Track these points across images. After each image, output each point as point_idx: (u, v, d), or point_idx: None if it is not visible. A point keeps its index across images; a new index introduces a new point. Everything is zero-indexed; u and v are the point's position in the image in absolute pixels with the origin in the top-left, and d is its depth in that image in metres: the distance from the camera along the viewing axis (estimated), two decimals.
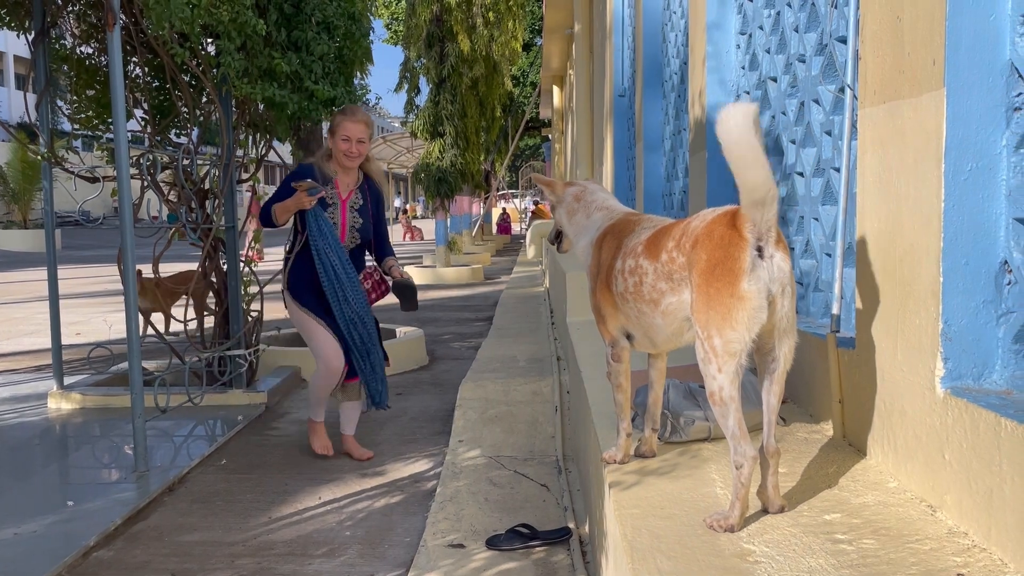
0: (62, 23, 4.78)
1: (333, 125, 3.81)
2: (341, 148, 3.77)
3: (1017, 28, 1.57)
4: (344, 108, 3.92)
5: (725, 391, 1.65)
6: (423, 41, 13.19)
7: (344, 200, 3.88)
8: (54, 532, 3.08)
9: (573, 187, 2.35)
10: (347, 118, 3.76)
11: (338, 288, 3.77)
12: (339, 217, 3.85)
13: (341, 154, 3.78)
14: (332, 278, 3.78)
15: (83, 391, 5.04)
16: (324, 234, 3.77)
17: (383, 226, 4.07)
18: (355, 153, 3.78)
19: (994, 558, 1.44)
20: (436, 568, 2.72)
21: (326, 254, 3.76)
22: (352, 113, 3.80)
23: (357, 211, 3.90)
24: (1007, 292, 1.62)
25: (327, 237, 3.77)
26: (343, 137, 3.76)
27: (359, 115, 3.81)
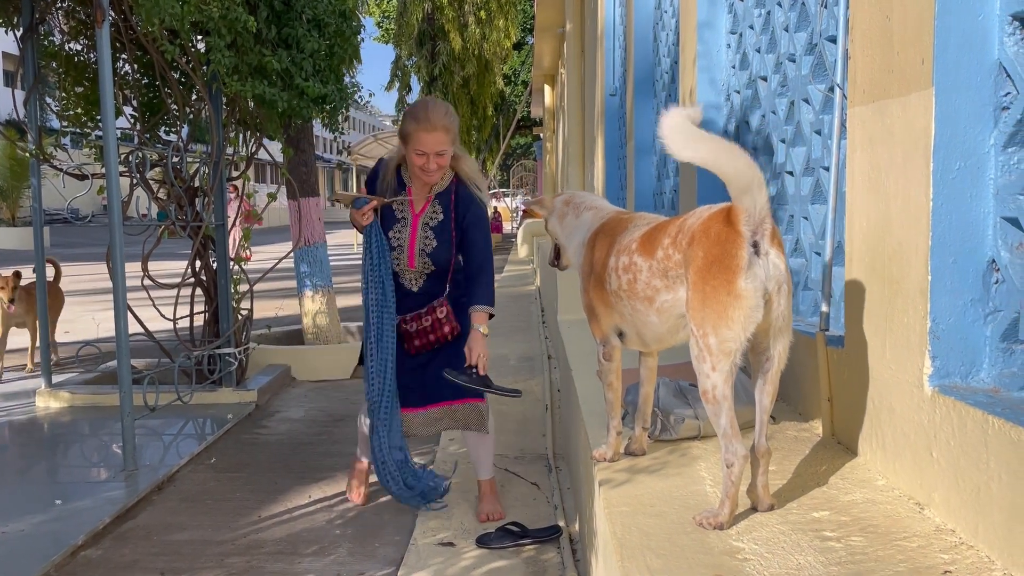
0: (51, 19, 4.75)
1: (404, 132, 2.96)
2: (416, 164, 2.95)
3: (1005, 28, 1.57)
4: (415, 111, 2.96)
5: (719, 390, 1.65)
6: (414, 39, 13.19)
7: (417, 215, 3.06)
8: (42, 531, 3.06)
9: (562, 195, 2.40)
10: (421, 127, 2.89)
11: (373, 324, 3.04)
12: (407, 237, 3.05)
13: (416, 169, 2.97)
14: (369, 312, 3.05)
15: (72, 389, 5.02)
16: (373, 260, 3.04)
17: (479, 252, 3.03)
18: (434, 168, 2.95)
19: (981, 555, 1.45)
20: (426, 566, 2.71)
21: (371, 282, 3.05)
22: (426, 120, 2.89)
23: (433, 229, 3.03)
24: (994, 290, 1.63)
25: (375, 264, 3.04)
26: (417, 151, 2.91)
27: (436, 120, 2.90)
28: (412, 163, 2.96)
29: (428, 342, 3.06)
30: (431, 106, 2.96)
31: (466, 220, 3.02)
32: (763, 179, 1.59)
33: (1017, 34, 1.55)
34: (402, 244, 3.04)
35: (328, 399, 5.35)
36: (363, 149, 21.43)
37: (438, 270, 3.06)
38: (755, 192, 1.59)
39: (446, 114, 2.94)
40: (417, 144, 2.90)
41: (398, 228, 3.05)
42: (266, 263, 6.10)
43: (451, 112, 2.98)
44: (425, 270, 3.06)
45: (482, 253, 3.03)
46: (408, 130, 2.93)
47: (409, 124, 2.93)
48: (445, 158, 2.95)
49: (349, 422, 4.74)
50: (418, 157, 2.92)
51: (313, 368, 6.01)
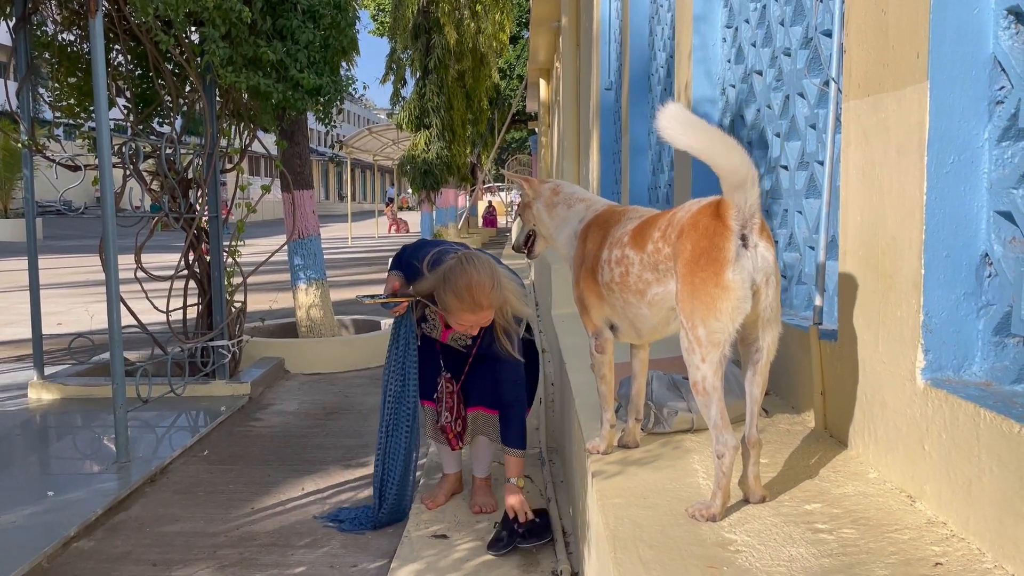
0: (44, 9, 4.72)
1: (444, 303, 2.66)
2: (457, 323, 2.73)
3: (1000, 22, 1.58)
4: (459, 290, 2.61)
5: (708, 381, 1.65)
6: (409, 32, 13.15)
7: (445, 331, 2.99)
8: (34, 523, 3.05)
9: (549, 183, 2.38)
10: (465, 309, 2.62)
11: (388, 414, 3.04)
12: (439, 334, 3.01)
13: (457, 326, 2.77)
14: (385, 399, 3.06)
15: (64, 381, 5.01)
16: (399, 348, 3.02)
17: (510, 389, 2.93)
18: (475, 332, 2.86)
19: (972, 548, 1.45)
20: (419, 559, 2.72)
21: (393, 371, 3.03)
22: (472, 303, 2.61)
23: (462, 344, 3.01)
24: (987, 284, 1.63)
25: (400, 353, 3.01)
26: (458, 323, 2.72)
27: (483, 300, 2.62)
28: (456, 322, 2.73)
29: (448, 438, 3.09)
30: (475, 285, 2.60)
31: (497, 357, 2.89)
32: (757, 176, 1.59)
33: (1012, 28, 1.56)
34: (435, 337, 3.03)
35: (322, 392, 5.35)
36: (357, 142, 21.41)
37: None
38: (748, 189, 1.59)
39: (493, 289, 2.63)
40: (459, 320, 2.68)
41: (428, 327, 3.01)
42: (260, 256, 6.09)
43: (496, 284, 2.66)
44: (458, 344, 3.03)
45: (512, 391, 2.93)
46: (450, 306, 2.64)
47: (452, 300, 2.63)
48: (488, 319, 2.73)
49: (343, 415, 4.74)
50: (457, 325, 2.74)
51: (307, 361, 6.01)
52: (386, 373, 3.05)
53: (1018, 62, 1.52)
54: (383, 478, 3.08)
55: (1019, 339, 1.57)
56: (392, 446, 3.05)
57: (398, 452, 3.04)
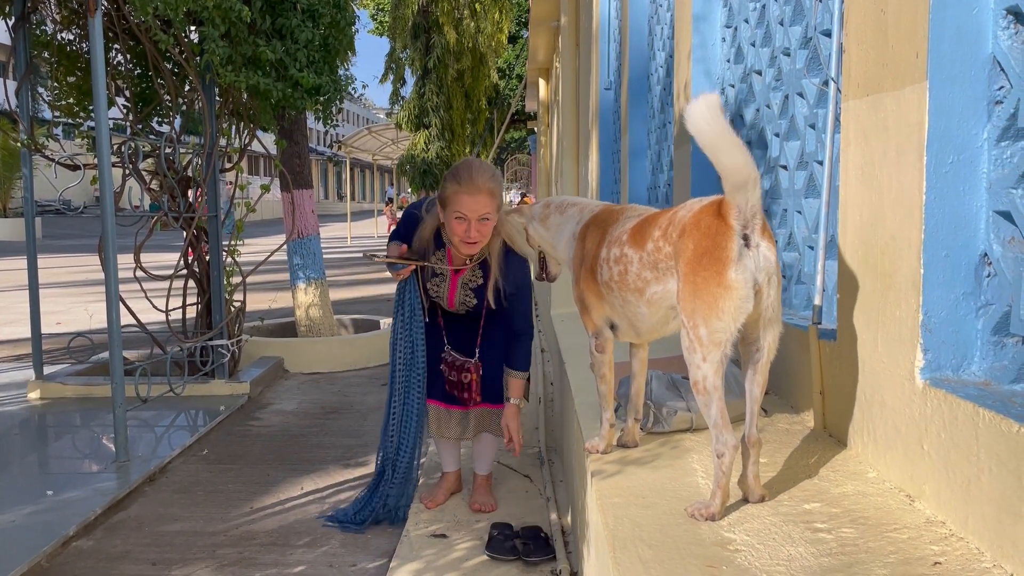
0: (43, 8, 4.72)
1: (444, 195, 2.72)
2: (456, 231, 2.72)
3: (999, 22, 1.58)
4: (456, 172, 2.71)
5: (709, 380, 1.65)
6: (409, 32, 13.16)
7: (456, 275, 2.93)
8: (33, 522, 3.05)
9: (537, 204, 2.45)
10: (463, 188, 2.65)
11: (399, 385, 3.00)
12: (446, 292, 2.94)
13: (456, 239, 2.76)
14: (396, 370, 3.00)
15: (63, 381, 5.01)
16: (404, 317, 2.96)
17: (521, 319, 2.96)
18: (474, 238, 2.73)
19: (971, 547, 1.46)
20: (418, 558, 2.72)
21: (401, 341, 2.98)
22: (469, 180, 2.65)
23: (472, 290, 2.92)
24: (986, 284, 1.63)
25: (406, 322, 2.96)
26: (456, 215, 2.69)
27: (480, 181, 2.66)
28: (452, 231, 2.74)
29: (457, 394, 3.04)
30: (475, 166, 2.71)
31: (508, 291, 2.88)
32: (759, 177, 1.59)
33: (1011, 28, 1.56)
34: (442, 296, 2.95)
35: (321, 391, 5.35)
36: (356, 142, 21.40)
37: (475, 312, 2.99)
38: (749, 190, 1.59)
39: (492, 176, 2.69)
40: (458, 206, 2.66)
41: (436, 282, 2.94)
42: (259, 255, 6.09)
43: (497, 175, 2.74)
44: (466, 307, 2.97)
45: (524, 321, 2.97)
46: (448, 192, 2.69)
47: (450, 186, 2.69)
48: (488, 226, 2.72)
49: (342, 414, 4.74)
50: (458, 223, 2.70)
51: (306, 360, 6.01)
52: (393, 341, 2.99)
53: (1017, 62, 1.52)
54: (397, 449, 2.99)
55: (1018, 339, 1.57)
56: (406, 415, 2.97)
57: (410, 420, 2.97)
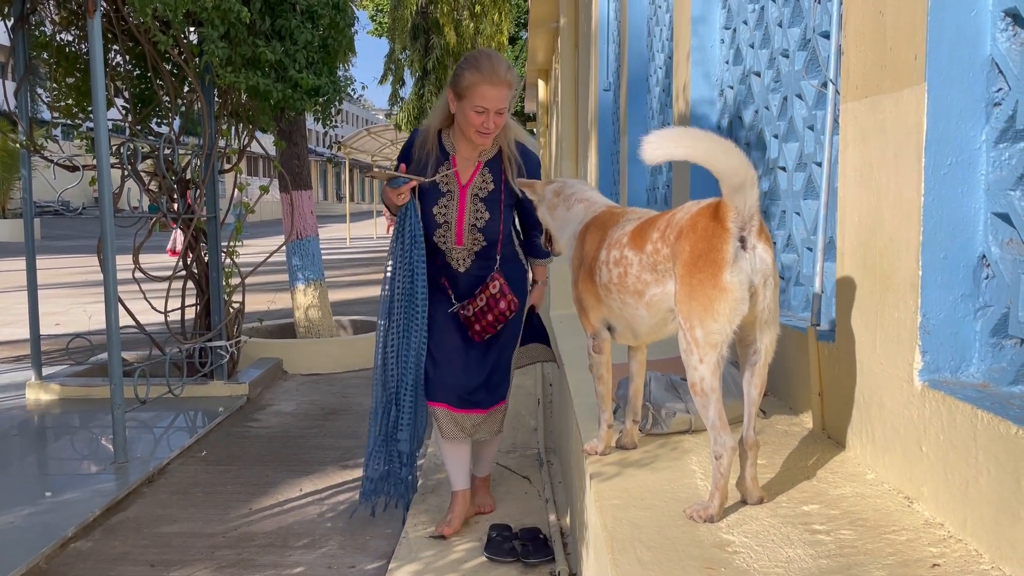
0: (42, 9, 4.72)
1: (461, 85, 2.60)
2: (474, 122, 2.61)
3: (998, 24, 1.58)
4: (477, 62, 2.61)
5: (706, 382, 1.65)
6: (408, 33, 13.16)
7: (464, 187, 2.75)
8: (32, 523, 3.05)
9: (553, 184, 2.37)
10: (485, 79, 2.56)
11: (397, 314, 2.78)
12: (454, 212, 2.74)
13: (472, 130, 2.63)
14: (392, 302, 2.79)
15: (62, 382, 5.01)
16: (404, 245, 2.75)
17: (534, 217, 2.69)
18: (491, 129, 2.63)
19: (969, 549, 1.46)
20: (417, 559, 2.71)
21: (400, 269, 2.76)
22: (492, 71, 2.57)
23: (484, 201, 2.74)
24: (985, 286, 1.63)
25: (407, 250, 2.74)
26: (477, 108, 2.58)
27: (502, 72, 2.59)
28: (468, 122, 2.62)
29: (488, 322, 2.77)
30: (495, 58, 2.62)
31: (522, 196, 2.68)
32: (756, 178, 1.59)
33: (1009, 30, 1.56)
34: (449, 220, 2.73)
35: (320, 392, 5.35)
36: (355, 143, 21.39)
37: (488, 245, 2.76)
38: (747, 191, 1.59)
39: (509, 69, 2.62)
40: (479, 99, 2.57)
41: (444, 203, 2.72)
42: (258, 256, 6.09)
43: (513, 68, 2.67)
44: (475, 247, 2.76)
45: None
46: (468, 83, 2.57)
47: (469, 75, 2.57)
48: (503, 118, 2.64)
49: (341, 415, 4.74)
50: (477, 115, 2.59)
51: (305, 361, 6.01)
52: (392, 272, 2.78)
53: (1015, 64, 1.52)
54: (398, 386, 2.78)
55: (1016, 340, 1.57)
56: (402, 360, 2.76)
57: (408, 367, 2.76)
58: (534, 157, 2.81)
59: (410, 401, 2.79)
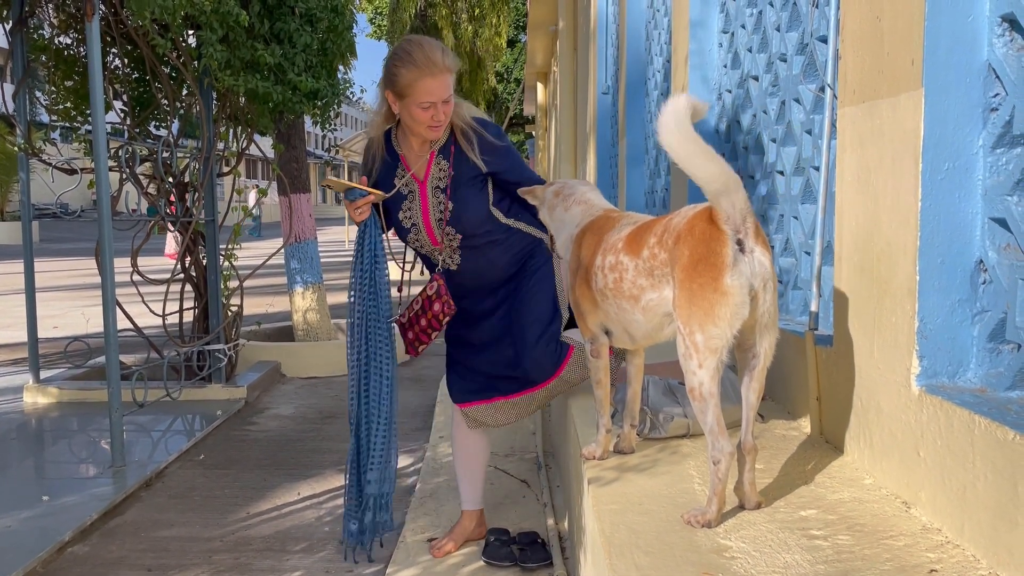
0: (41, 12, 4.72)
1: (400, 84, 2.38)
2: (422, 119, 2.40)
3: (995, 29, 1.58)
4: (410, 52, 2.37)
5: (705, 387, 1.65)
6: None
7: (423, 182, 2.55)
8: (29, 527, 3.05)
9: (553, 185, 2.35)
10: (424, 71, 2.34)
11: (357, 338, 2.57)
12: (419, 212, 2.56)
13: (423, 127, 2.43)
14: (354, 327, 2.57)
15: (59, 385, 5.00)
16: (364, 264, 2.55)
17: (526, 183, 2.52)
18: (442, 120, 2.42)
19: (967, 554, 1.46)
20: (415, 564, 2.71)
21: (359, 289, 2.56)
22: (428, 62, 2.34)
23: (444, 193, 2.52)
24: (982, 291, 1.63)
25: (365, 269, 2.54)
26: (422, 104, 2.37)
27: (438, 60, 2.36)
28: (416, 120, 2.41)
29: (421, 328, 2.62)
30: (427, 45, 2.38)
31: (489, 167, 2.50)
32: (739, 180, 1.59)
33: (1006, 35, 1.56)
34: (416, 223, 2.55)
35: (318, 396, 5.35)
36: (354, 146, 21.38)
37: (468, 237, 2.54)
38: (732, 193, 1.59)
39: (445, 52, 2.40)
40: (423, 95, 2.35)
41: (407, 205, 2.55)
42: (256, 259, 6.09)
43: (448, 49, 2.44)
44: (453, 243, 2.55)
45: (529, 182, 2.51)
46: (406, 80, 2.35)
47: (406, 72, 2.35)
48: (451, 104, 2.43)
49: (339, 419, 4.73)
50: (423, 111, 2.38)
51: (303, 365, 6.00)
52: (352, 293, 2.58)
53: (1012, 69, 1.53)
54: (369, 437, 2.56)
55: (1014, 345, 1.57)
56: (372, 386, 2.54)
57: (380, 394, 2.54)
58: (492, 125, 2.58)
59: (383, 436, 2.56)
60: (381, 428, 2.56)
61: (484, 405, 2.69)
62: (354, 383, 2.58)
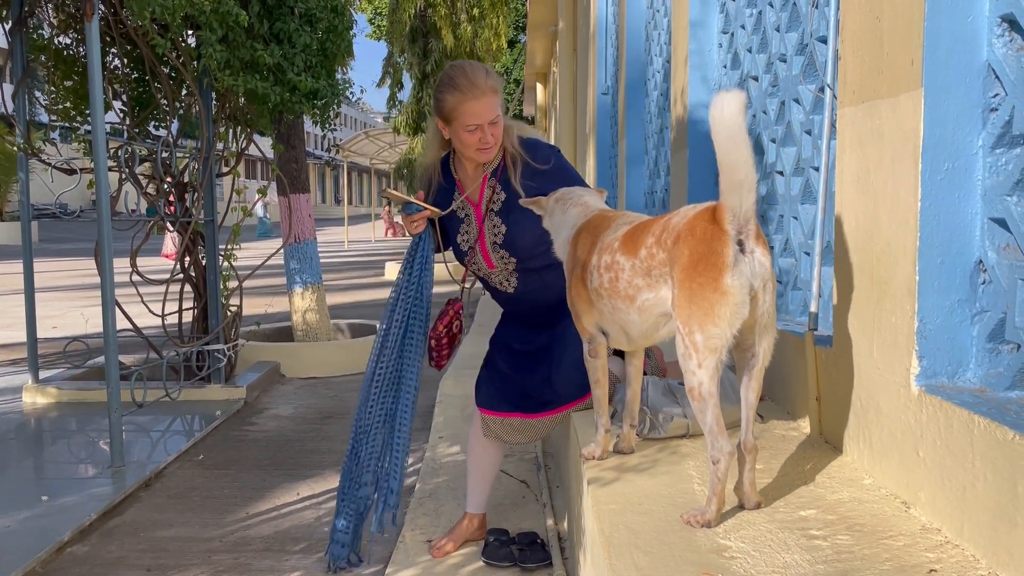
0: (40, 12, 4.72)
1: (445, 110, 2.42)
2: (470, 143, 2.42)
3: (994, 30, 1.58)
4: (453, 79, 2.40)
5: (704, 387, 1.65)
6: (406, 36, 13.16)
7: (478, 205, 2.55)
8: (28, 527, 3.04)
9: (556, 193, 2.35)
10: (466, 95, 2.36)
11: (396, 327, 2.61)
12: (475, 235, 2.56)
13: (472, 150, 2.45)
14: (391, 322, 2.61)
15: (59, 385, 5.00)
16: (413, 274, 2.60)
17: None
18: (491, 143, 2.44)
19: (966, 554, 1.46)
20: (414, 564, 2.71)
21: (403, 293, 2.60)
22: (470, 85, 2.37)
23: (499, 216, 2.52)
24: (982, 291, 1.63)
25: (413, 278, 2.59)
26: (468, 127, 2.40)
27: (481, 82, 2.38)
28: (465, 144, 2.43)
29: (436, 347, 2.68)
30: (470, 69, 2.41)
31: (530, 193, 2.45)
32: (755, 182, 1.59)
33: (1006, 36, 1.56)
34: (474, 247, 2.57)
35: (317, 396, 5.34)
36: (354, 146, 21.39)
37: (523, 260, 2.53)
38: (744, 192, 1.58)
39: (488, 74, 2.41)
40: (468, 118, 2.38)
41: (464, 229, 2.57)
42: (256, 259, 6.09)
43: (492, 71, 2.45)
44: (508, 266, 2.55)
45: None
46: (451, 105, 2.38)
47: (450, 98, 2.38)
48: (499, 126, 2.44)
49: (338, 419, 4.73)
50: (470, 134, 2.40)
51: (302, 365, 6.00)
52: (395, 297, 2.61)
53: (1012, 70, 1.53)
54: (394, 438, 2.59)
55: (1013, 346, 1.57)
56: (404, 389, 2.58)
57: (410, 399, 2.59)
58: (544, 147, 2.56)
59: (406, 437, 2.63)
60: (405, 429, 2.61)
61: (502, 418, 2.67)
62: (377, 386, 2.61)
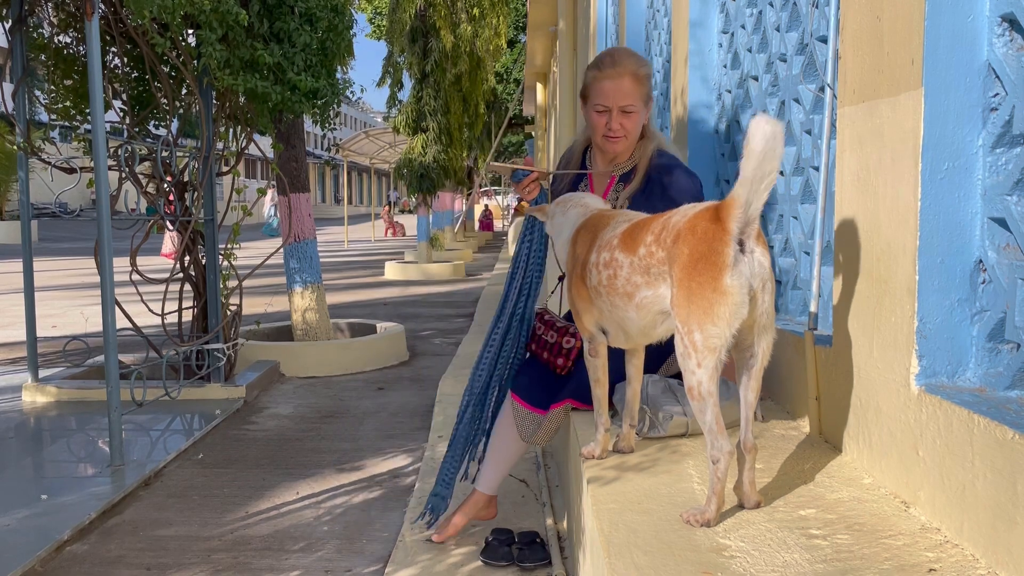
0: (40, 11, 4.72)
1: (584, 86, 2.37)
2: (597, 125, 2.34)
3: (995, 29, 1.58)
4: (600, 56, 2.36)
5: (704, 386, 1.65)
6: (406, 36, 13.16)
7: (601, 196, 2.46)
8: (27, 526, 3.04)
9: (559, 199, 2.37)
10: (603, 73, 2.29)
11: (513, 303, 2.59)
12: None
13: (599, 135, 2.36)
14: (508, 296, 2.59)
15: (58, 384, 4.99)
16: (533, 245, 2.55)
17: None
18: (617, 133, 2.33)
19: (966, 553, 1.46)
20: (414, 563, 2.71)
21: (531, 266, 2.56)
22: (610, 64, 2.30)
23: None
24: (981, 291, 1.64)
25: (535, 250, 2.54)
26: (597, 107, 2.32)
27: (623, 62, 2.30)
28: (593, 127, 2.35)
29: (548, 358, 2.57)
30: (619, 50, 2.36)
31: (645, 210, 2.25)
32: (773, 182, 1.56)
33: (1006, 35, 1.56)
34: None
35: (317, 395, 5.34)
36: (354, 146, 21.39)
37: None
38: (758, 191, 1.56)
39: (637, 59, 2.31)
40: (598, 96, 2.29)
41: None
42: (255, 259, 6.09)
43: (644, 60, 2.34)
44: None
45: None
46: (587, 81, 2.33)
47: (589, 73, 2.33)
48: (633, 119, 2.32)
49: (338, 418, 4.73)
50: (598, 115, 2.32)
51: (302, 364, 6.00)
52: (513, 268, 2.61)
53: (1012, 69, 1.53)
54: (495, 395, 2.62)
55: (1013, 345, 1.57)
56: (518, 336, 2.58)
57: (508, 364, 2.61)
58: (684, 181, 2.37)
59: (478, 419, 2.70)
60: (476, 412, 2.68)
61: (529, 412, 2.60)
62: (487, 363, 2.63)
